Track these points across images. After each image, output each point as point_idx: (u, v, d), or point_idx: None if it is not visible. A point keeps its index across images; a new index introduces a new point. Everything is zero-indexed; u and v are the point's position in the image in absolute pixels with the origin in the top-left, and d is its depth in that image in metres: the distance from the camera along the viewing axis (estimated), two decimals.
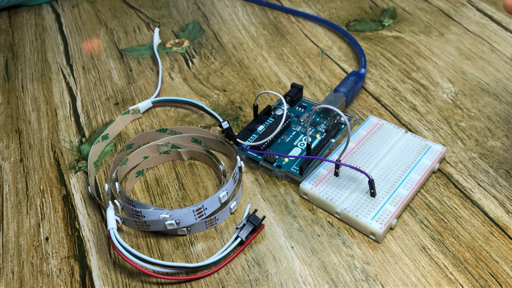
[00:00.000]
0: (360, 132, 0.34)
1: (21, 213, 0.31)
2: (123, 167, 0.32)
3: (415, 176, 0.30)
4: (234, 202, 0.29)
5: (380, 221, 0.27)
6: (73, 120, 0.38)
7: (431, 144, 0.32)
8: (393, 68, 0.41)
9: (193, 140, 0.34)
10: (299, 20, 0.49)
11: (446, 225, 0.28)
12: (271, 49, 0.45)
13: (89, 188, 0.31)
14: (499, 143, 0.34)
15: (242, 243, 0.28)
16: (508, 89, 0.38)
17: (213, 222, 0.29)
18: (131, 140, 0.34)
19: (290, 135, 0.34)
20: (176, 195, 0.31)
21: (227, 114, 0.37)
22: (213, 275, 0.26)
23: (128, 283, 0.26)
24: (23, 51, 0.46)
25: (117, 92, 0.40)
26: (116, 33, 0.48)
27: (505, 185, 0.31)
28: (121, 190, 0.30)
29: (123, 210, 0.29)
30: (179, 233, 0.28)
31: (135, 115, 0.37)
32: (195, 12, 0.51)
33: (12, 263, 0.28)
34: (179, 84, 0.41)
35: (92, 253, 0.28)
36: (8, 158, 0.35)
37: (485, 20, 0.47)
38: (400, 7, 0.50)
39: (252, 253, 0.27)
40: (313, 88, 0.40)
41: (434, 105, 0.37)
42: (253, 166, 0.33)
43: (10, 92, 0.41)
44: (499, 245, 0.27)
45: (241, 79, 0.41)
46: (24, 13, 0.53)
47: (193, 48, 0.45)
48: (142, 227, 0.28)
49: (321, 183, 0.30)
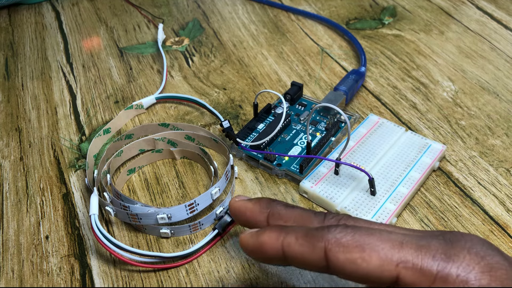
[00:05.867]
0: (360, 131, 0.34)
1: (21, 212, 0.31)
2: (117, 159, 0.32)
3: (415, 175, 0.30)
4: (221, 208, 0.29)
5: (380, 219, 0.27)
6: (73, 119, 0.38)
7: (431, 143, 0.32)
8: (393, 67, 0.41)
9: (186, 137, 0.34)
10: (299, 18, 0.49)
11: (446, 224, 0.28)
12: (271, 47, 0.45)
13: (86, 180, 0.31)
14: (499, 142, 0.34)
15: (220, 235, 0.28)
16: (508, 87, 0.38)
17: (198, 227, 0.29)
18: (131, 130, 0.34)
19: (290, 134, 0.34)
20: (176, 194, 0.31)
21: (227, 113, 0.37)
22: (213, 274, 0.26)
23: (128, 282, 0.26)
24: (23, 49, 0.46)
25: (117, 90, 0.40)
26: (116, 31, 0.48)
27: (505, 184, 0.31)
28: (111, 183, 0.30)
29: (111, 203, 0.29)
30: (162, 235, 0.28)
31: (138, 110, 0.37)
32: (195, 10, 0.51)
33: (12, 261, 0.28)
34: (179, 83, 0.41)
35: (92, 252, 0.28)
36: (8, 156, 0.35)
37: (485, 18, 0.47)
38: (400, 5, 0.50)
39: None
40: (313, 86, 0.40)
41: (434, 104, 0.37)
42: (253, 164, 0.33)
43: (10, 90, 0.41)
44: (499, 244, 0.27)
45: (241, 78, 0.41)
46: (24, 11, 0.53)
47: (193, 46, 0.45)
48: (134, 220, 0.28)
49: (321, 181, 0.30)
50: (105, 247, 0.26)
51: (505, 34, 0.45)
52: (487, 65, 0.41)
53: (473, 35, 0.45)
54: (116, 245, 0.26)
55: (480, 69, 0.40)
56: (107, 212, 0.28)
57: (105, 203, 0.28)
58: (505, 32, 0.45)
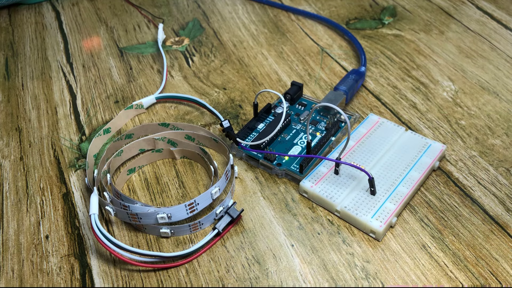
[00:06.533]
0: (360, 130, 0.34)
1: (21, 211, 0.31)
2: (117, 159, 0.32)
3: (415, 174, 0.30)
4: (221, 207, 0.29)
5: (380, 219, 0.27)
6: (73, 118, 0.38)
7: (431, 142, 0.32)
8: (393, 66, 0.41)
9: (186, 137, 0.34)
10: (299, 18, 0.49)
11: (446, 223, 0.28)
12: (271, 47, 0.45)
13: (86, 180, 0.31)
14: (499, 141, 0.34)
15: (219, 234, 0.28)
16: (508, 87, 0.38)
17: (197, 226, 0.29)
18: (131, 129, 0.34)
19: (290, 133, 0.34)
20: (176, 193, 0.31)
21: (227, 112, 0.37)
22: (213, 274, 0.26)
23: (128, 281, 0.26)
24: (23, 49, 0.46)
25: (117, 90, 0.40)
26: (116, 31, 0.48)
27: (505, 183, 0.31)
28: (111, 183, 0.30)
29: (111, 202, 0.29)
30: (162, 235, 0.28)
31: (138, 110, 0.37)
32: (195, 10, 0.51)
33: (12, 261, 0.28)
34: (179, 82, 0.41)
35: (92, 251, 0.28)
36: (8, 156, 0.35)
37: (485, 18, 0.47)
38: (400, 5, 0.50)
39: (252, 251, 0.27)
40: (313, 86, 0.40)
41: (434, 103, 0.37)
42: (253, 164, 0.33)
43: (10, 90, 0.41)
44: (499, 243, 0.27)
45: (241, 77, 0.41)
46: (24, 11, 0.53)
47: (193, 46, 0.45)
48: (134, 219, 0.28)
49: (321, 181, 0.30)
50: (105, 246, 0.26)
51: (505, 34, 0.45)
52: (487, 65, 0.41)
53: (473, 35, 0.45)
54: (116, 244, 0.26)
55: (480, 69, 0.40)
56: (107, 211, 0.28)
57: (105, 202, 0.28)
58: (505, 32, 0.45)
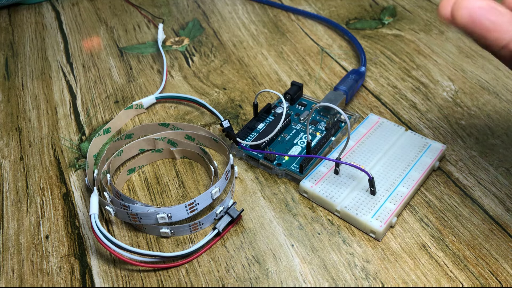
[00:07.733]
0: (360, 130, 0.34)
1: (21, 211, 0.31)
2: (117, 159, 0.32)
3: (415, 174, 0.30)
4: (221, 207, 0.29)
5: (380, 219, 0.27)
6: (73, 118, 0.38)
7: (431, 142, 0.32)
8: (393, 66, 0.41)
9: (186, 137, 0.34)
10: (299, 18, 0.49)
11: (446, 223, 0.28)
12: (271, 47, 0.45)
13: (86, 180, 0.31)
14: (499, 141, 0.34)
15: (219, 234, 0.28)
16: (508, 87, 0.38)
17: (197, 226, 0.29)
18: (131, 129, 0.34)
19: (290, 133, 0.34)
20: (176, 193, 0.31)
21: (227, 112, 0.37)
22: (213, 274, 0.26)
23: (128, 281, 0.26)
24: (23, 49, 0.46)
25: (117, 90, 0.40)
26: (116, 31, 0.48)
27: (505, 183, 0.31)
28: (111, 183, 0.30)
29: (111, 202, 0.29)
30: (162, 235, 0.28)
31: (138, 110, 0.37)
32: (195, 10, 0.51)
33: (12, 261, 0.28)
34: (179, 82, 0.41)
35: (92, 251, 0.28)
36: (8, 156, 0.35)
37: None
38: (400, 5, 0.50)
39: (252, 251, 0.27)
40: (313, 86, 0.40)
41: (434, 103, 0.37)
42: (253, 164, 0.33)
43: (10, 90, 0.41)
44: (499, 243, 0.27)
45: (241, 77, 0.41)
46: (24, 11, 0.53)
47: (193, 46, 0.45)
48: (134, 219, 0.28)
49: (321, 181, 0.30)
50: (105, 246, 0.26)
51: None
52: (487, 65, 0.41)
53: None
54: (116, 244, 0.26)
55: (480, 69, 0.40)
56: (107, 211, 0.28)
57: (105, 202, 0.28)
58: None
